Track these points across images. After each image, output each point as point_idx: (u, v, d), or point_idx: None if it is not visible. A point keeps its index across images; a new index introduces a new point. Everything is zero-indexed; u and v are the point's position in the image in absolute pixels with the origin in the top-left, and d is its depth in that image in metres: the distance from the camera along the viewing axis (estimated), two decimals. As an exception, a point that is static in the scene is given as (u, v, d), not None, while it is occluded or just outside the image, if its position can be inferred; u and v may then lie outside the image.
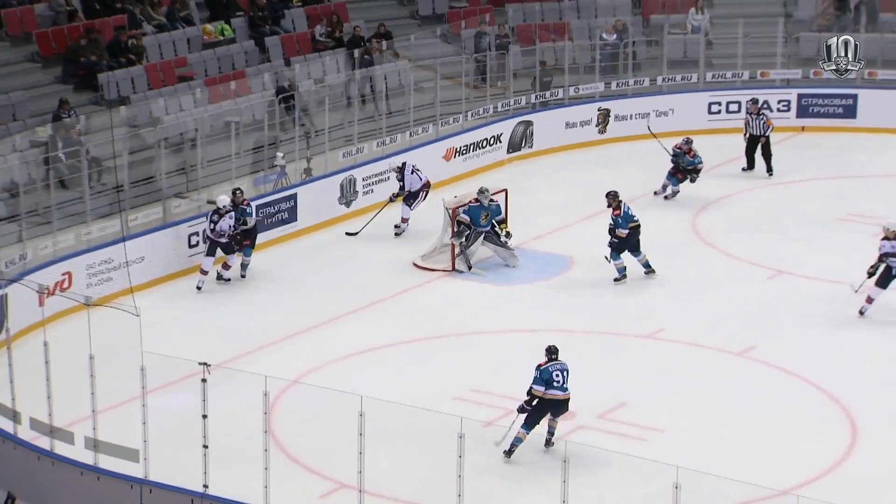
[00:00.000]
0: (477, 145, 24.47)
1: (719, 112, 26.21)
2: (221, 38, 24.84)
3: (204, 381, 12.93)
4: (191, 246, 19.80)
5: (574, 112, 25.75)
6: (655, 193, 22.30)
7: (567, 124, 25.68)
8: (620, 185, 22.65)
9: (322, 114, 22.64)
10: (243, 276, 19.57)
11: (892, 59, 26.08)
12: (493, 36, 26.27)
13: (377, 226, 21.48)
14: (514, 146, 24.98)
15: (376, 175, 22.66)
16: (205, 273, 19.16)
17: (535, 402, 14.30)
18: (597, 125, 25.82)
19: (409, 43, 25.85)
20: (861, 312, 17.72)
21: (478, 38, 26.35)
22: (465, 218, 19.59)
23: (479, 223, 19.66)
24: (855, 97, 26.02)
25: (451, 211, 19.89)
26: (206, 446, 13.03)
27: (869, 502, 12.88)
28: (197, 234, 19.90)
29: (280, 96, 22.63)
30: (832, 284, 18.93)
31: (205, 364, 12.90)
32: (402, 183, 21.28)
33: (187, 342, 17.02)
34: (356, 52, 25.08)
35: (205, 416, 13.00)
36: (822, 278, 19.16)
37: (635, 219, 19.13)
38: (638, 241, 19.20)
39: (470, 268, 19.59)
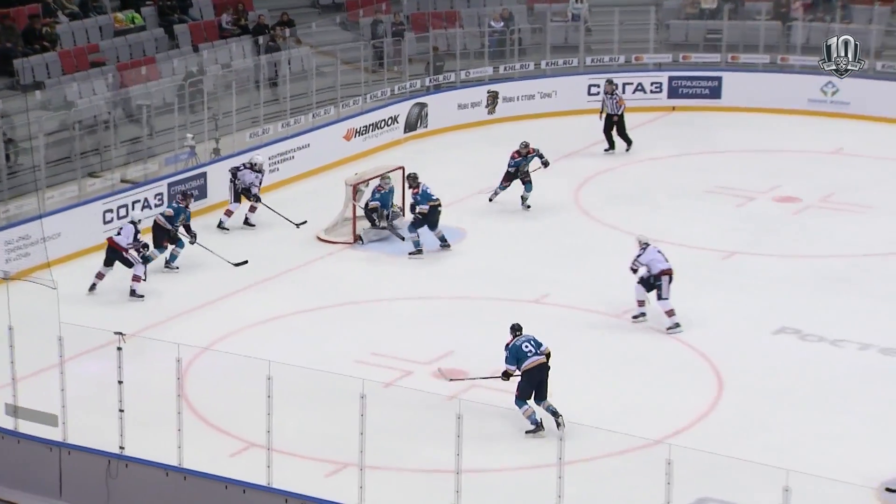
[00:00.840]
0: (375, 126, 24.36)
1: (598, 94, 26.33)
2: (132, 25, 24.40)
3: (119, 349, 12.76)
4: (105, 223, 19.45)
5: (465, 94, 25.74)
6: (490, 200, 21.05)
7: (459, 105, 25.67)
8: (508, 161, 22.91)
9: (229, 97, 22.36)
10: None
11: (753, 44, 26.44)
12: (389, 23, 26.13)
13: (286, 198, 21.35)
14: (409, 126, 24.91)
15: (281, 154, 22.49)
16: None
17: (516, 377, 14.12)
18: (486, 106, 25.85)
19: (311, 30, 25.61)
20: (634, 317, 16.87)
21: (374, 25, 26.19)
22: (376, 203, 19.45)
23: (389, 207, 19.61)
24: (720, 79, 26.34)
25: (352, 187, 19.77)
26: (121, 410, 12.87)
27: (733, 447, 13.08)
28: (111, 210, 19.59)
29: (189, 80, 22.30)
30: (700, 251, 19.18)
31: (119, 333, 12.75)
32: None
33: (103, 313, 16.74)
34: (261, 40, 24.80)
35: (120, 382, 12.82)
36: (691, 245, 19.38)
37: (434, 198, 18.96)
38: (437, 218, 19.02)
39: (403, 238, 19.46)
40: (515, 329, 14.55)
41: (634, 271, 16.72)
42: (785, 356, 15.93)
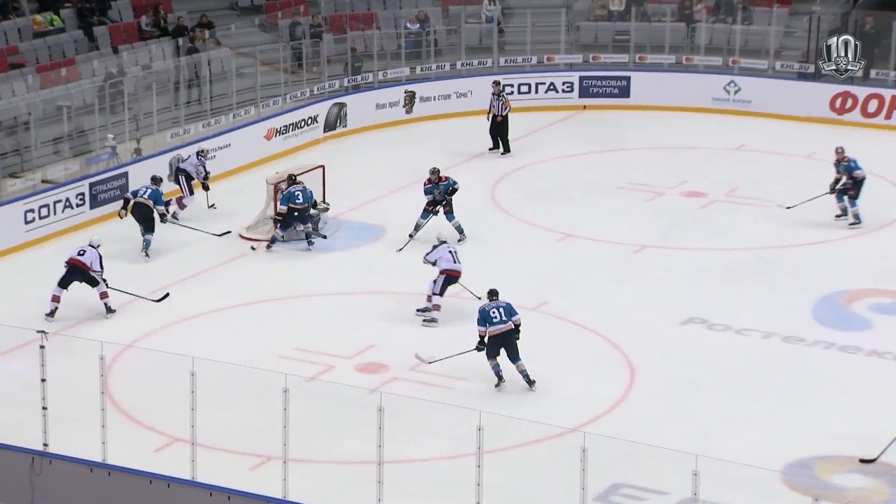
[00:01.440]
0: (295, 125, 24.20)
1: (512, 93, 26.43)
2: (51, 27, 24.01)
3: (42, 347, 12.53)
4: (26, 222, 19.11)
5: (383, 94, 25.67)
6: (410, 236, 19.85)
7: (377, 105, 25.60)
8: (426, 159, 22.89)
9: (150, 98, 22.07)
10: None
11: (660, 45, 26.72)
12: (308, 25, 25.97)
13: (199, 198, 21.18)
14: (329, 126, 24.79)
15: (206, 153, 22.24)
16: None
17: (486, 339, 14.79)
18: (404, 106, 25.81)
19: (230, 32, 25.37)
20: None
21: (293, 27, 26.01)
22: (283, 209, 19.04)
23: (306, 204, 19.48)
24: (628, 79, 26.57)
25: (273, 186, 19.62)
26: (45, 408, 12.66)
27: (646, 434, 13.22)
28: (32, 210, 19.26)
29: (109, 81, 21.97)
30: (612, 245, 19.34)
31: (42, 332, 12.54)
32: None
33: (25, 312, 16.46)
34: (180, 41, 24.51)
35: (43, 380, 12.62)
36: (604, 240, 19.55)
37: (298, 200, 18.85)
38: (305, 216, 18.98)
39: (325, 236, 19.37)
40: (491, 294, 15.15)
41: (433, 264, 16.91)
42: (693, 345, 16.12)
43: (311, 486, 12.53)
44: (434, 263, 16.92)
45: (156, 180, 19.31)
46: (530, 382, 14.86)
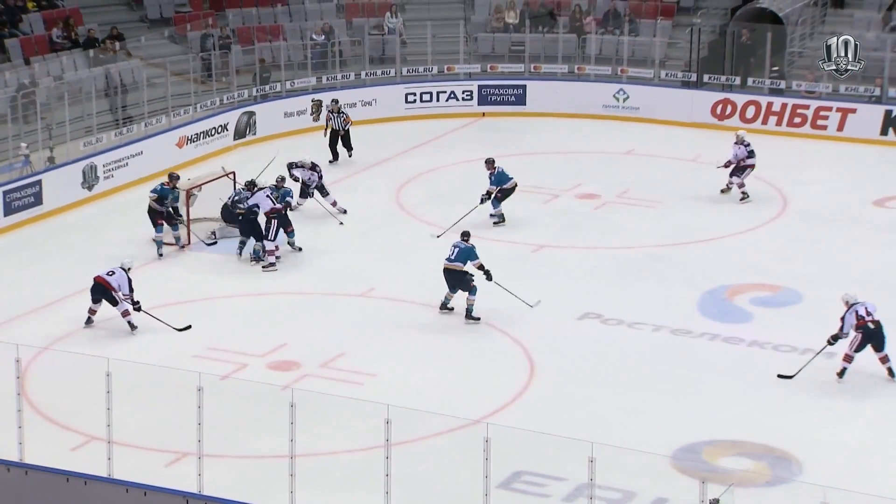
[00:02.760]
0: (206, 133, 23.93)
1: (415, 101, 26.50)
2: (-38, 39, 23.39)
3: (-42, 352, 12.20)
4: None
5: (291, 103, 25.50)
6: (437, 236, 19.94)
7: (285, 114, 25.43)
8: (336, 166, 22.79)
9: (62, 108, 21.64)
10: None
11: (553, 55, 26.96)
12: (217, 37, 25.69)
13: (120, 204, 20.88)
14: (239, 133, 24.56)
15: (115, 161, 21.93)
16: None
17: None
18: (311, 114, 25.67)
19: (140, 44, 24.99)
20: None
21: (203, 38, 25.72)
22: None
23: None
24: (524, 87, 26.75)
25: (185, 192, 19.38)
26: (-38, 412, 12.31)
27: (545, 424, 13.33)
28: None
29: (22, 92, 21.49)
30: (512, 245, 19.44)
31: (-42, 337, 12.18)
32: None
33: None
34: (91, 52, 24.07)
35: (-40, 385, 12.25)
36: (504, 240, 19.65)
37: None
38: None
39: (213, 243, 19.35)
40: (463, 235, 16.86)
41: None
42: (589, 339, 16.28)
43: (226, 482, 12.40)
44: (257, 206, 18.12)
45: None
46: (473, 319, 16.37)
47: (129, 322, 16.09)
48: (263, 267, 18.32)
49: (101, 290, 16.03)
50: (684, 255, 19.17)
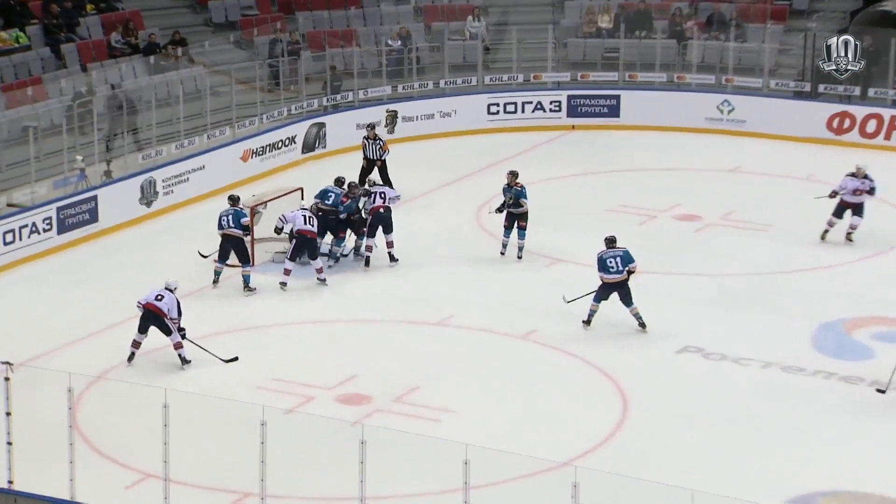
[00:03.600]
0: (273, 146, 24.16)
1: (498, 113, 26.51)
2: (17, 45, 23.93)
3: (7, 379, 12.39)
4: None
5: (364, 114, 25.63)
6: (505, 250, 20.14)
7: (357, 125, 25.48)
8: (409, 180, 22.84)
9: (120, 118, 22.03)
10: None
11: (650, 62, 26.79)
12: (286, 42, 25.96)
13: (180, 221, 21.15)
14: (308, 146, 24.77)
15: (175, 176, 22.19)
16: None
17: (601, 284, 16.84)
18: (385, 125, 25.79)
19: (204, 49, 25.34)
20: None
21: (271, 44, 26.01)
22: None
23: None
24: (618, 98, 26.63)
25: (249, 210, 19.52)
26: (9, 443, 12.49)
27: (640, 468, 13.15)
28: (-2, 235, 19.21)
29: (77, 101, 21.90)
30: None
31: (7, 363, 12.41)
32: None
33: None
34: (152, 59, 24.45)
35: (8, 414, 12.45)
36: (594, 265, 19.50)
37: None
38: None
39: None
40: (610, 241, 17.03)
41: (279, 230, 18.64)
42: (689, 375, 16.09)
43: (291, 525, 12.43)
44: (291, 224, 18.46)
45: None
46: (643, 325, 16.88)
47: (180, 356, 16.03)
48: (319, 279, 18.64)
49: (154, 318, 15.99)
50: (796, 284, 18.87)
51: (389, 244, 19.30)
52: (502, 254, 19.53)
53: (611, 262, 16.89)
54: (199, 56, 25.22)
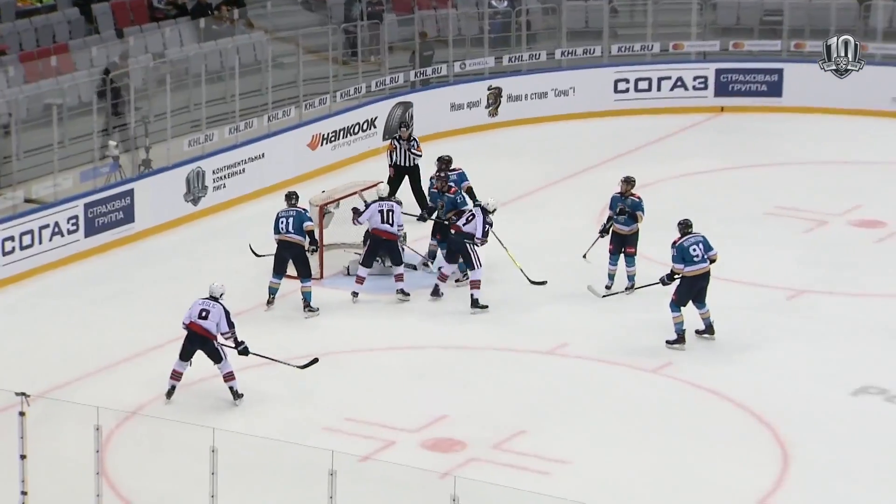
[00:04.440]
0: (348, 131, 24.37)
1: (627, 91, 26.47)
2: (40, 5, 24.40)
3: (22, 414, 12.62)
4: (4, 253, 19.37)
5: (460, 91, 25.78)
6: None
7: (452, 106, 25.71)
8: (515, 174, 22.84)
9: (163, 95, 22.32)
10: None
11: (823, 28, 26.52)
12: (365, 3, 26.17)
13: (233, 223, 21.41)
14: (390, 131, 24.91)
15: (228, 167, 22.48)
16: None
17: (677, 279, 17.02)
18: (487, 106, 25.87)
19: (266, 11, 25.68)
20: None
21: (347, 5, 26.23)
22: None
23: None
24: (780, 72, 26.47)
25: (318, 209, 19.70)
26: (24, 493, 12.72)
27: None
28: (12, 238, 19.51)
29: (112, 74, 22.26)
30: (760, 289, 19.17)
31: (23, 394, 12.61)
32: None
33: (2, 367, 16.65)
34: (202, 22, 24.77)
35: (23, 457, 12.68)
36: (749, 282, 19.38)
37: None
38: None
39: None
40: (686, 225, 17.17)
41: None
42: (867, 422, 15.90)
43: None
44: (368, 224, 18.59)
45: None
46: (712, 332, 17.31)
47: (231, 389, 16.14)
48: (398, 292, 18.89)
49: (200, 342, 16.04)
50: None
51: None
52: (608, 287, 19.04)
53: (694, 249, 17.04)
54: (259, 19, 25.54)
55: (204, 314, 15.98)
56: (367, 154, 24.48)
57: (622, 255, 19.06)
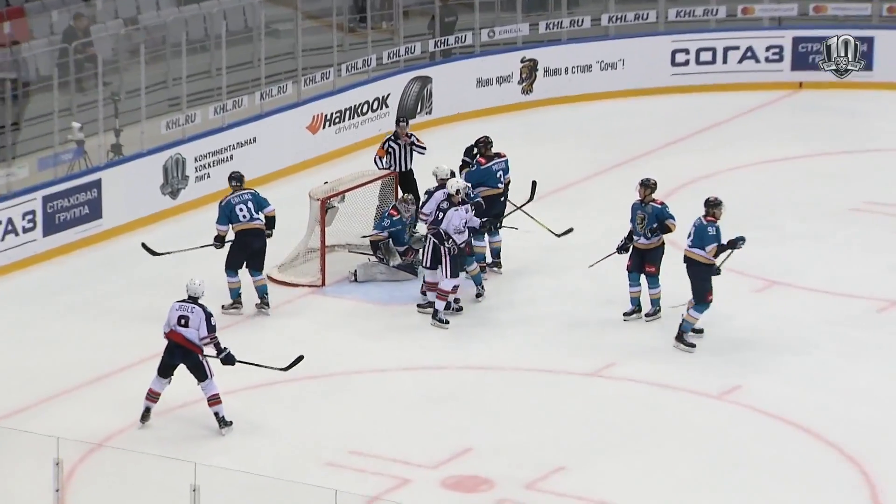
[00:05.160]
0: (355, 111, 24.42)
1: (687, 63, 26.45)
2: (-10, -40, 24.47)
3: (-30, 445, 12.71)
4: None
5: (488, 64, 25.77)
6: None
7: (479, 82, 25.71)
8: (554, 162, 22.81)
9: (136, 68, 22.36)
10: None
11: (919, -12, 26.61)
12: (375, -42, 26.22)
13: (207, 222, 21.39)
14: (406, 112, 24.93)
15: (213, 153, 22.56)
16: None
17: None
18: (520, 82, 25.87)
19: (258, -32, 25.72)
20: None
21: (354, -39, 26.26)
22: (384, 235, 19.66)
23: (405, 241, 19.81)
24: (871, 41, 26.39)
25: (319, 203, 19.76)
26: (-27, 538, 12.82)
27: None
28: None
29: (75, 43, 22.30)
30: (846, 300, 19.22)
31: (-29, 422, 12.69)
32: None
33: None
34: (183, -18, 24.88)
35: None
36: (830, 291, 19.41)
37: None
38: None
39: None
40: (713, 205, 17.87)
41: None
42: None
43: None
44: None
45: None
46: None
47: (217, 415, 16.14)
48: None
49: (182, 355, 16.07)
50: None
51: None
52: (627, 314, 18.82)
53: (710, 230, 17.67)
54: (250, -22, 25.56)
55: (183, 321, 15.99)
56: (377, 138, 24.34)
57: (644, 276, 18.71)
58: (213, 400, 16.13)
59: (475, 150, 20.16)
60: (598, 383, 17.43)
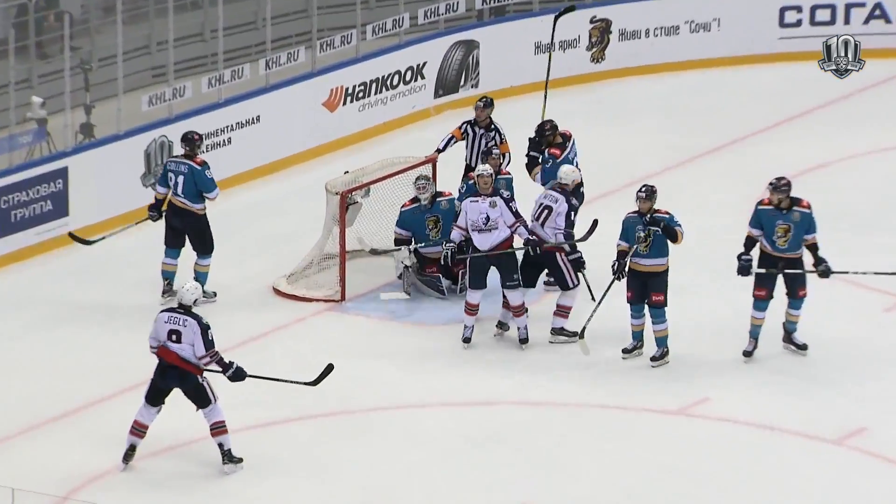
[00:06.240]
0: (382, 83, 24.58)
1: (799, 24, 26.54)
2: None
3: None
4: None
5: (548, 26, 25.85)
6: None
7: (537, 47, 25.75)
8: (633, 150, 22.95)
9: (112, 29, 22.52)
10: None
11: None
12: None
13: (214, 215, 21.63)
14: (446, 85, 25.07)
15: (209, 135, 22.67)
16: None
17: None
18: (589, 48, 25.99)
19: None
20: None
21: None
22: (403, 233, 19.89)
23: (427, 236, 19.93)
24: None
25: (339, 197, 19.81)
26: None
27: None
28: None
29: (34, 0, 22.45)
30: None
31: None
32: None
33: None
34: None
35: None
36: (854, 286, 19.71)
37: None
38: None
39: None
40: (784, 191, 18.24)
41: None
42: None
43: None
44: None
45: None
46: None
47: (222, 448, 16.22)
48: None
49: (178, 377, 16.08)
50: None
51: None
52: (626, 351, 18.87)
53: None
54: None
55: (174, 336, 15.98)
56: (410, 118, 24.56)
57: (647, 306, 18.70)
58: (218, 428, 16.15)
59: (538, 140, 20.19)
60: (686, 424, 17.61)
